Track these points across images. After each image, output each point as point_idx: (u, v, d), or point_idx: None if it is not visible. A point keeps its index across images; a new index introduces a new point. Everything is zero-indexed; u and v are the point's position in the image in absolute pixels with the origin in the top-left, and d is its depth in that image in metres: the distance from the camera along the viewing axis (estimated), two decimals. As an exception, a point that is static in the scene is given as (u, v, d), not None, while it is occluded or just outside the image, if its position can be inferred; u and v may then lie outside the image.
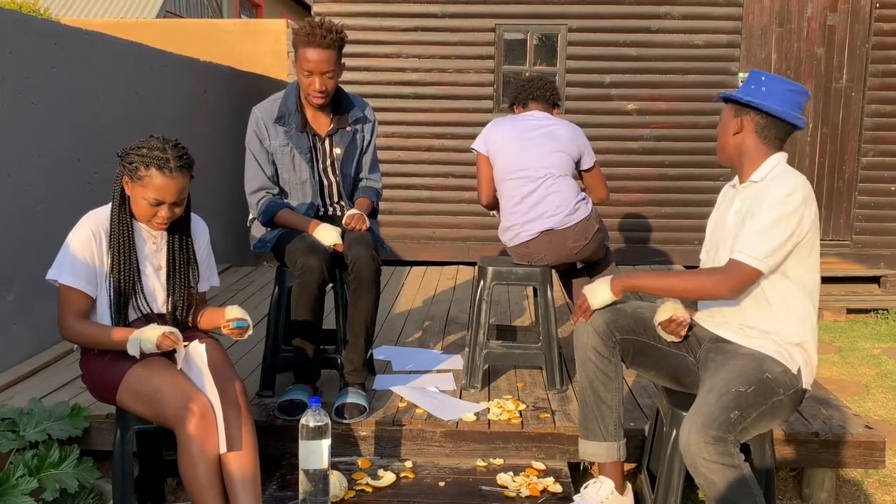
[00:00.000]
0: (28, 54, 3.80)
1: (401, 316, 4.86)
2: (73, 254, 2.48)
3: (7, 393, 3.40)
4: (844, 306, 6.24)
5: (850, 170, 6.83)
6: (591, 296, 2.64)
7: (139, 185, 2.47)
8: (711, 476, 2.22)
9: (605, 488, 2.74)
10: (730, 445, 2.23)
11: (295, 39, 3.12)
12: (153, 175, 2.45)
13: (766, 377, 2.36)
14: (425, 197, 7.05)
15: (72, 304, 2.49)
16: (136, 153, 2.47)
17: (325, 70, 3.10)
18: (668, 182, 6.94)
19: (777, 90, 2.44)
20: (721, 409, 2.26)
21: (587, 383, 2.71)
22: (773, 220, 2.34)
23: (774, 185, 2.39)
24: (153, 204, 2.48)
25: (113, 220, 2.52)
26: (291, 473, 2.95)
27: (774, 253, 2.35)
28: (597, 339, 2.65)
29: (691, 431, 2.24)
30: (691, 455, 2.23)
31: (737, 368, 2.37)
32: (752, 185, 2.49)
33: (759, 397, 2.32)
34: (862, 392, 4.53)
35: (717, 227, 2.64)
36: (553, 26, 6.83)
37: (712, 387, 2.34)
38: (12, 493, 2.51)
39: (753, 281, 2.38)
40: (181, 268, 2.65)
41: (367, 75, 6.86)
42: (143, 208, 2.49)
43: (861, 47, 6.69)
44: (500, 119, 3.70)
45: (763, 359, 2.41)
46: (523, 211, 3.53)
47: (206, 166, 5.83)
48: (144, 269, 2.59)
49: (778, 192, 2.36)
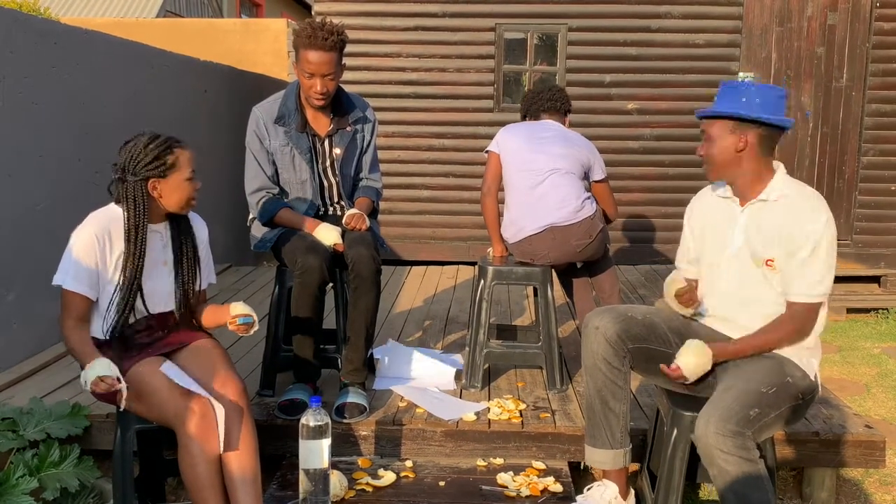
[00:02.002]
0: (28, 54, 3.80)
1: (401, 315, 4.86)
2: (76, 258, 2.48)
3: (7, 392, 3.40)
4: (845, 306, 6.24)
5: (850, 169, 6.83)
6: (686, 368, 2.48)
7: (175, 173, 2.55)
8: (727, 467, 2.21)
9: (609, 492, 2.73)
10: (747, 440, 2.23)
11: (296, 41, 3.11)
12: (179, 154, 2.56)
13: (787, 380, 2.37)
14: (425, 196, 7.05)
15: (74, 308, 2.49)
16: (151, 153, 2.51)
17: (327, 72, 3.10)
18: (669, 182, 6.94)
19: (770, 99, 2.43)
20: (741, 405, 2.26)
21: (595, 392, 2.68)
22: (826, 253, 2.40)
23: (807, 216, 2.40)
24: (192, 178, 2.59)
25: (130, 229, 2.52)
26: (292, 473, 2.95)
27: (832, 278, 2.43)
28: (608, 349, 2.62)
29: (709, 423, 2.23)
30: (708, 446, 2.22)
31: (759, 369, 2.39)
32: (762, 203, 2.48)
33: (779, 399, 2.33)
34: (862, 392, 4.53)
35: (714, 242, 2.62)
36: (553, 26, 6.83)
37: (732, 384, 2.35)
38: (12, 493, 2.51)
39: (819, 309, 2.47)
40: (188, 263, 2.67)
41: (367, 75, 6.85)
42: (187, 190, 2.59)
43: (861, 47, 6.69)
44: (514, 124, 3.78)
45: (784, 362, 2.43)
46: (528, 203, 3.55)
47: (206, 166, 5.83)
48: (151, 269, 2.60)
49: (818, 225, 2.39)
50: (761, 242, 2.47)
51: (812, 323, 2.46)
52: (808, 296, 2.41)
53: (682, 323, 2.70)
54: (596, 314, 2.69)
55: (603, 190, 3.82)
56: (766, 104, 2.42)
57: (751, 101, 2.42)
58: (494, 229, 3.74)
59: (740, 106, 2.43)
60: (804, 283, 2.41)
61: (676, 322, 2.70)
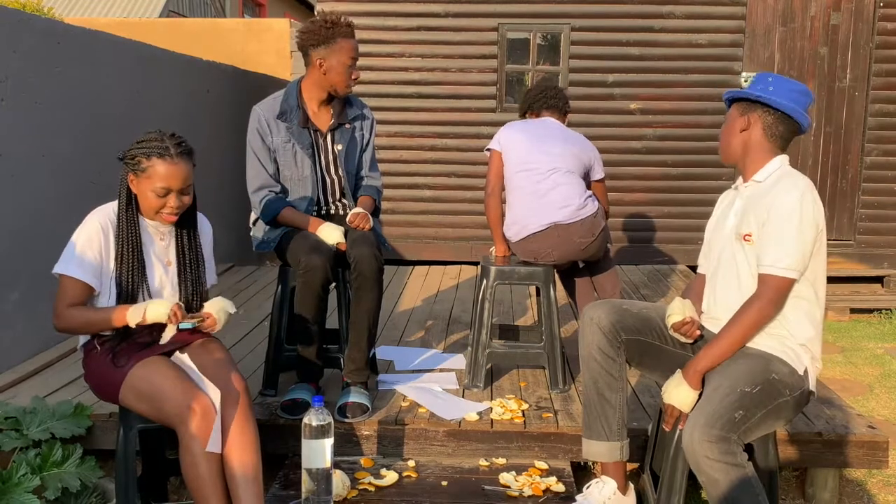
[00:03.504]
0: (32, 54, 3.81)
1: (403, 315, 4.86)
2: (80, 247, 2.48)
3: (11, 391, 3.40)
4: (848, 306, 6.23)
5: (853, 169, 6.82)
6: (678, 403, 2.43)
7: (144, 178, 2.48)
8: (714, 475, 2.21)
9: (607, 488, 2.74)
10: (733, 445, 2.23)
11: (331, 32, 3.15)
12: (155, 164, 2.47)
13: (772, 378, 2.35)
14: (428, 196, 7.05)
15: (70, 293, 2.47)
16: (136, 147, 2.50)
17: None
18: (672, 182, 6.93)
19: (783, 89, 2.46)
20: (725, 408, 2.26)
21: (591, 382, 2.70)
22: (795, 227, 2.34)
23: (783, 190, 2.38)
24: (161, 194, 2.49)
25: (120, 219, 2.53)
26: (294, 472, 2.96)
27: (803, 258, 2.37)
28: (602, 339, 2.64)
29: (694, 430, 2.23)
30: (694, 453, 2.23)
31: (743, 368, 2.37)
32: (755, 184, 2.50)
33: (764, 398, 2.32)
34: (865, 392, 4.52)
35: (716, 228, 2.64)
36: (556, 25, 6.82)
37: (717, 386, 2.34)
38: (15, 492, 2.52)
39: (789, 290, 2.40)
40: (191, 262, 2.66)
41: (370, 75, 6.85)
42: (152, 201, 2.50)
43: (865, 46, 6.68)
44: (515, 122, 3.77)
45: (770, 359, 2.40)
46: (531, 202, 3.56)
47: (209, 165, 5.84)
48: (152, 267, 2.59)
49: (791, 197, 2.36)
50: (744, 219, 2.49)
51: (781, 301, 2.39)
52: (774, 267, 2.36)
53: None
54: (592, 306, 2.71)
55: (600, 189, 3.87)
56: (777, 92, 2.45)
57: (764, 87, 2.47)
58: (497, 229, 3.74)
59: (754, 90, 2.48)
60: (770, 254, 2.37)
61: None
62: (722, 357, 2.42)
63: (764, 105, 2.47)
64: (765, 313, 2.40)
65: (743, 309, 2.43)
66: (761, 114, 2.48)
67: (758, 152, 2.50)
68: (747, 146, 2.51)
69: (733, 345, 2.42)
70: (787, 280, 2.37)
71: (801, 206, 2.35)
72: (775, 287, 2.38)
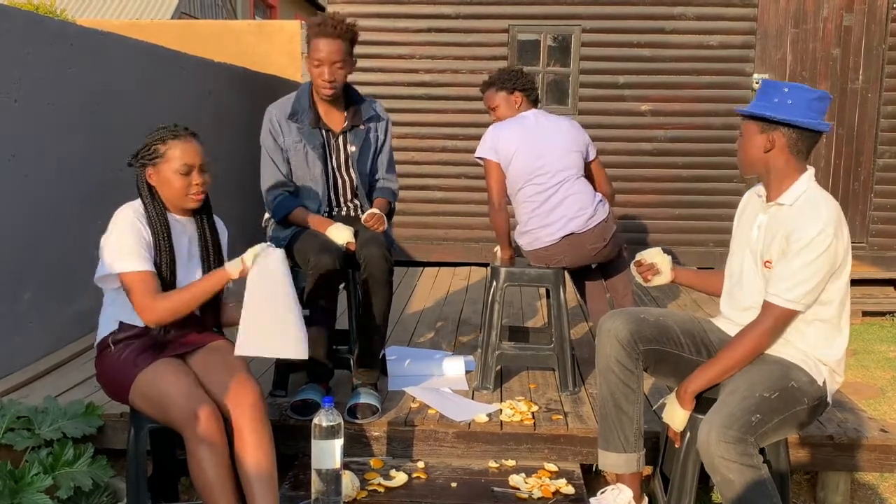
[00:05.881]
0: (44, 55, 3.83)
1: (413, 316, 4.86)
2: (130, 242, 2.48)
3: (23, 391, 3.42)
4: (860, 309, 6.19)
5: (865, 171, 6.78)
6: (670, 422, 2.51)
7: (164, 163, 2.53)
8: (729, 475, 2.20)
9: (623, 497, 2.72)
10: (749, 446, 2.22)
11: (307, 33, 3.18)
12: (172, 146, 2.53)
13: (791, 385, 2.35)
14: (438, 198, 7.05)
15: (147, 286, 2.47)
16: (148, 141, 2.56)
17: (335, 60, 3.13)
18: (682, 183, 6.91)
19: (802, 101, 2.38)
20: (743, 411, 2.25)
21: (608, 394, 2.68)
22: (808, 262, 2.32)
23: (808, 220, 2.34)
24: (184, 172, 2.53)
25: (149, 212, 2.55)
26: (304, 473, 2.96)
27: (811, 293, 2.35)
28: (620, 351, 2.62)
29: (711, 430, 2.22)
30: (709, 454, 2.22)
31: (763, 373, 2.36)
32: (780, 207, 2.46)
33: (781, 404, 2.31)
34: (877, 395, 4.50)
35: (738, 234, 2.63)
36: (567, 27, 6.82)
37: (735, 389, 2.33)
38: (27, 491, 2.53)
39: (790, 320, 2.40)
40: (215, 256, 2.70)
41: (380, 76, 6.86)
42: (176, 183, 2.54)
43: (877, 48, 6.64)
44: (500, 124, 3.66)
45: (790, 366, 2.40)
46: (543, 215, 3.53)
47: (220, 166, 5.85)
48: (182, 258, 2.62)
49: (810, 231, 2.32)
50: (766, 244, 2.47)
51: (780, 330, 2.41)
52: (778, 297, 2.36)
53: (695, 325, 2.69)
54: (609, 317, 2.68)
55: (598, 168, 3.77)
56: (797, 106, 2.37)
57: (782, 102, 2.39)
58: (504, 238, 3.70)
59: (771, 107, 2.40)
60: (780, 283, 2.36)
61: (689, 325, 2.69)
62: (715, 380, 2.44)
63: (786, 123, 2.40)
64: (762, 341, 2.41)
65: (741, 335, 2.44)
66: (784, 132, 2.40)
67: (784, 171, 2.44)
68: (772, 166, 2.44)
69: (728, 370, 2.43)
70: (788, 311, 2.37)
71: (819, 241, 2.31)
72: (775, 316, 2.38)
